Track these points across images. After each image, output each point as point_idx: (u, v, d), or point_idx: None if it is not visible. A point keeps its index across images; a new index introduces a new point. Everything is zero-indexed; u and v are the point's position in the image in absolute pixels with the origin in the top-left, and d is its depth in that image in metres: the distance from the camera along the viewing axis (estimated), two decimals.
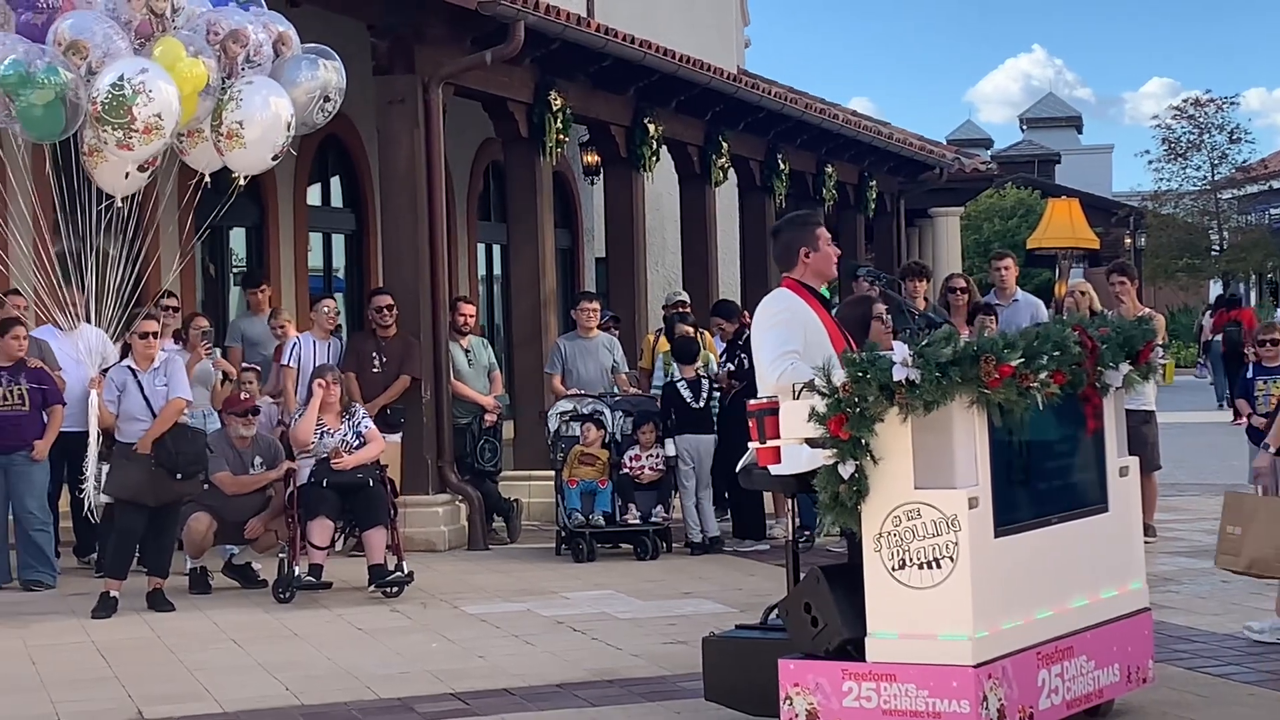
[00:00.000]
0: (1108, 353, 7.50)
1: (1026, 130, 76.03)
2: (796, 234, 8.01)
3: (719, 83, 19.64)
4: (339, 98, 12.16)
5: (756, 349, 7.87)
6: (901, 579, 6.83)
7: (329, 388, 12.28)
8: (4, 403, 12.48)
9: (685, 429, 14.09)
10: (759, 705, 7.43)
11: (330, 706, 8.59)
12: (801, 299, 7.83)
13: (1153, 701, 7.94)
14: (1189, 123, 54.52)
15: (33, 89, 10.95)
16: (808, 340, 7.62)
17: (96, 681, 9.40)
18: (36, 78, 10.95)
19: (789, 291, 7.88)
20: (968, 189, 34.67)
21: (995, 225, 51.32)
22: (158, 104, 10.94)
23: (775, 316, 7.75)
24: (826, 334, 7.73)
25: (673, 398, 14.19)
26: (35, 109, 11.04)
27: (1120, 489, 7.73)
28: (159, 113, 10.95)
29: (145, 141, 11.02)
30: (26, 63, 11.01)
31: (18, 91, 10.98)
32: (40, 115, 11.08)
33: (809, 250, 7.92)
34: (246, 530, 12.24)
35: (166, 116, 11.01)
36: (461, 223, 21.47)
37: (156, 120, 10.94)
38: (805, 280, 7.92)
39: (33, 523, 12.57)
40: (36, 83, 10.95)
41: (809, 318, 7.75)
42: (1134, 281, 13.59)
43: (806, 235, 7.98)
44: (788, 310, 7.76)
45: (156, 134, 11.01)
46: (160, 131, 11.02)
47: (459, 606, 11.49)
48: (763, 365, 7.71)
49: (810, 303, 7.83)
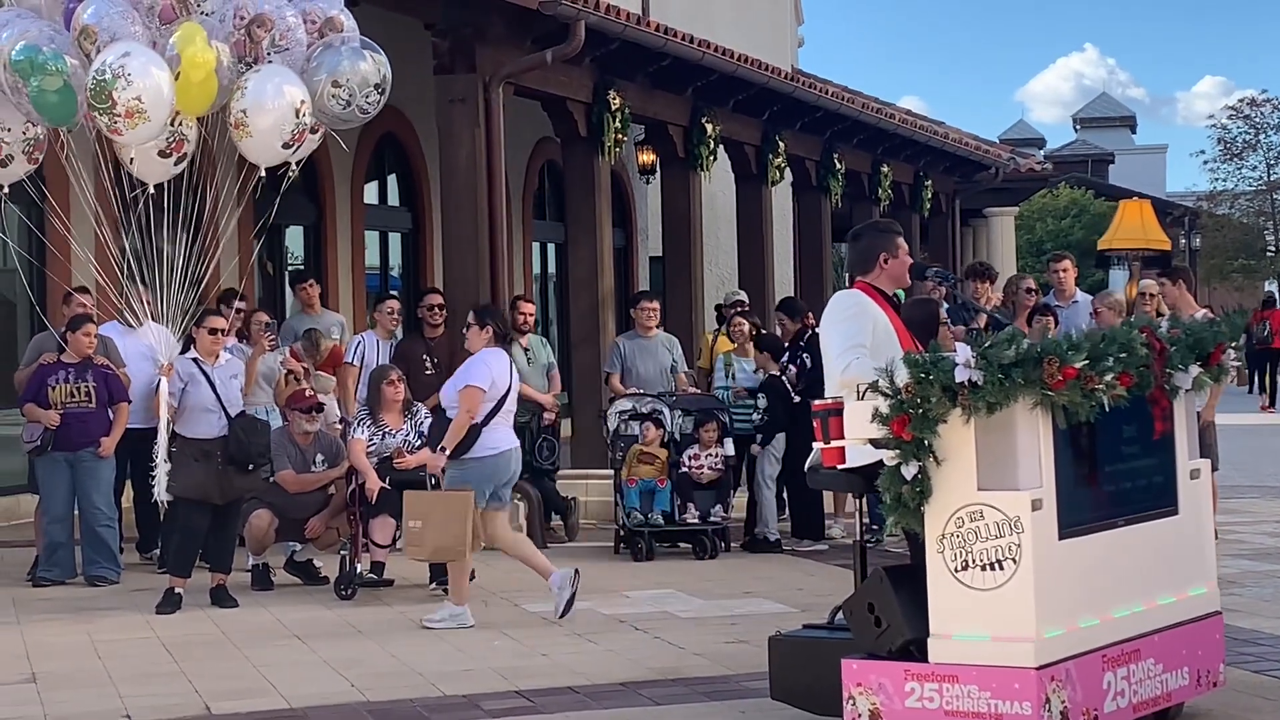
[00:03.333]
0: (1176, 354, 7.49)
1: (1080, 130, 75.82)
2: (878, 239, 8.09)
3: (777, 82, 19.67)
4: (377, 94, 11.72)
5: (825, 343, 7.93)
6: (964, 580, 6.85)
7: (395, 385, 12.34)
8: (71, 400, 12.59)
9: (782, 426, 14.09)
10: (825, 705, 7.45)
11: (396, 703, 8.64)
12: (873, 300, 7.88)
13: (1221, 705, 7.92)
14: (1245, 123, 54.29)
15: (42, 75, 10.92)
16: (876, 339, 7.67)
17: (164, 676, 9.48)
18: (44, 63, 10.90)
19: (860, 292, 7.94)
20: (1022, 189, 34.62)
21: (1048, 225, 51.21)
22: (137, 88, 10.73)
23: (846, 311, 7.82)
24: (896, 335, 7.77)
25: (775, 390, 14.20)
26: (48, 95, 10.95)
27: (1190, 491, 7.71)
28: (138, 96, 10.75)
29: (131, 126, 10.86)
30: (36, 47, 10.99)
31: (29, 77, 10.95)
32: (54, 101, 10.99)
33: (888, 256, 7.99)
34: (307, 530, 12.32)
35: (149, 100, 10.79)
36: (517, 221, 21.56)
37: (137, 104, 10.75)
38: (879, 284, 7.98)
39: (99, 518, 12.68)
40: (44, 68, 10.90)
41: (879, 316, 7.81)
42: (1177, 284, 13.47)
43: (887, 241, 8.06)
44: (858, 306, 7.83)
45: (140, 118, 10.82)
46: (143, 115, 10.82)
47: (520, 604, 11.54)
48: (830, 358, 7.77)
49: (882, 305, 7.89)
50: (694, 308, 19.11)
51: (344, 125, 11.78)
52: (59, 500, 12.66)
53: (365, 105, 11.60)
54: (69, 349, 12.65)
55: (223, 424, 11.75)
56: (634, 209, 24.57)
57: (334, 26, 11.68)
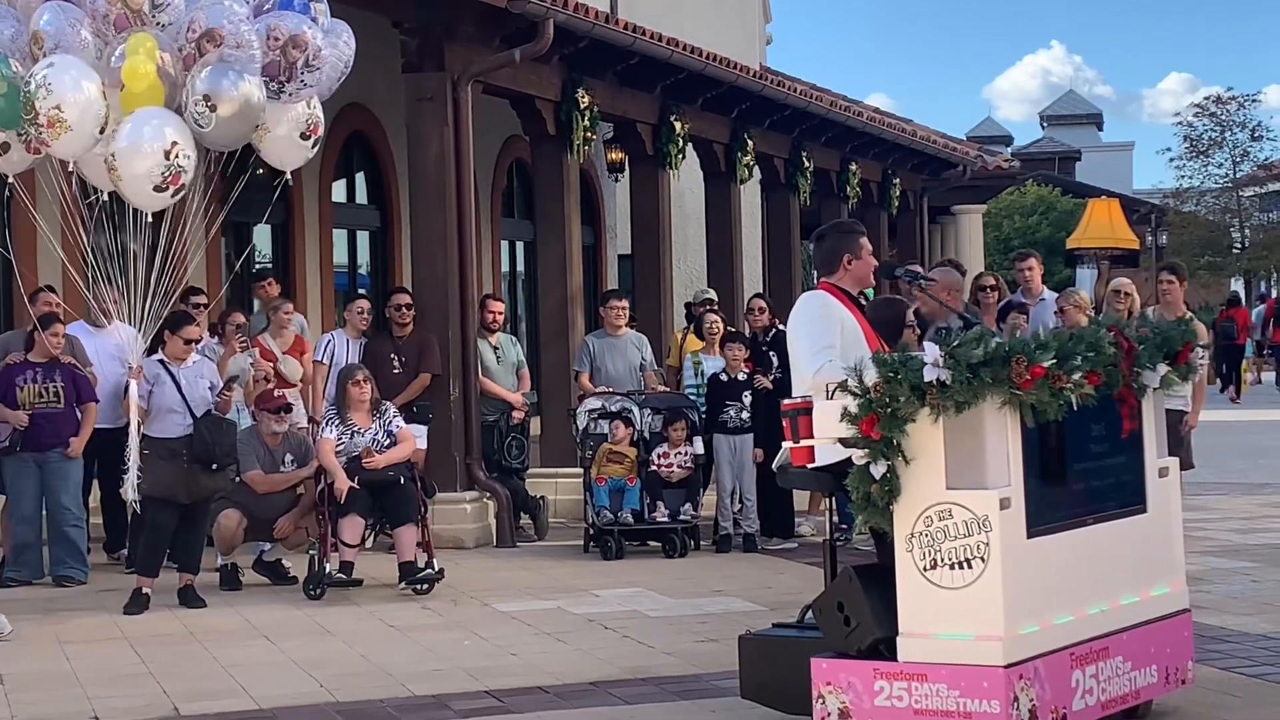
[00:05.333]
0: (1145, 353, 7.51)
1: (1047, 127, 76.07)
2: (841, 240, 8.13)
3: (745, 80, 19.67)
4: (237, 109, 10.95)
5: (793, 344, 7.94)
6: (933, 579, 6.86)
7: (361, 385, 12.34)
8: (39, 400, 12.55)
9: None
10: (794, 704, 7.47)
11: (366, 703, 8.63)
12: (839, 301, 7.90)
13: (1190, 702, 7.96)
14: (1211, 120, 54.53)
15: None
16: (844, 340, 7.69)
17: (132, 678, 9.46)
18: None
19: (825, 293, 7.95)
20: (990, 186, 34.70)
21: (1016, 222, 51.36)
22: (56, 98, 10.66)
23: (813, 313, 7.83)
24: (863, 336, 7.79)
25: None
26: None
27: (1159, 490, 7.74)
28: (58, 105, 10.71)
29: (54, 136, 10.80)
30: None
31: None
32: (2, 105, 11.04)
33: (852, 257, 8.02)
34: (276, 529, 12.31)
35: (71, 111, 10.70)
36: (486, 220, 21.52)
37: (57, 114, 10.73)
38: (843, 285, 8.01)
39: (67, 519, 12.65)
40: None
41: (846, 318, 7.83)
42: (1183, 282, 13.53)
43: (850, 242, 8.10)
44: (824, 307, 7.85)
45: (61, 128, 10.78)
46: (64, 125, 10.72)
47: (489, 604, 11.54)
48: (799, 360, 7.79)
49: (847, 305, 7.91)
50: (663, 306, 19.10)
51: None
52: (27, 501, 12.63)
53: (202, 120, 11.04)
54: (37, 348, 12.61)
55: (188, 424, 11.75)
56: (602, 207, 24.55)
57: (297, 45, 11.48)
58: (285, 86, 11.21)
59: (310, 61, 11.20)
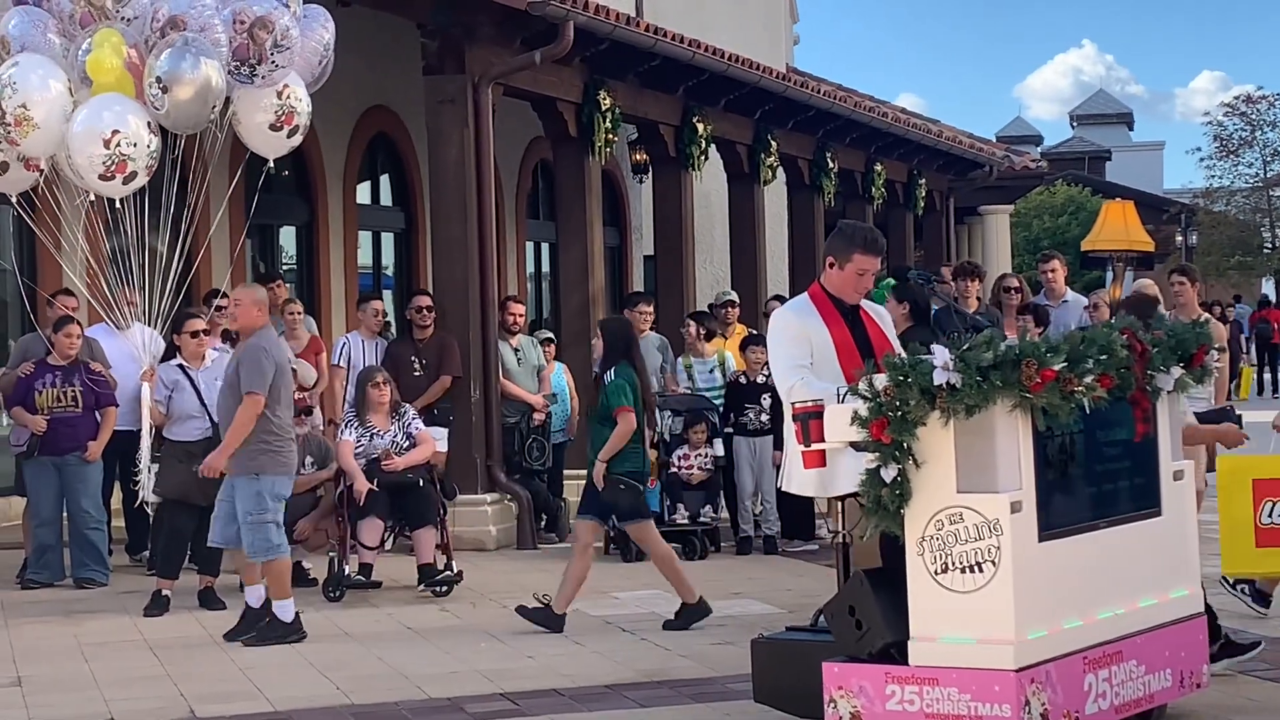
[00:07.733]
0: (1158, 356, 7.48)
1: (1077, 127, 75.73)
2: (833, 242, 8.10)
3: (768, 81, 19.65)
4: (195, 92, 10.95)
5: (771, 361, 8.15)
6: (944, 583, 6.85)
7: (380, 387, 12.35)
8: (58, 404, 12.58)
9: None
10: (807, 708, 7.45)
11: (380, 706, 8.65)
12: (818, 312, 7.89)
13: (1205, 706, 7.93)
14: (1241, 119, 54.28)
15: None
16: (816, 357, 7.78)
17: (149, 679, 9.49)
18: None
19: (808, 302, 7.98)
20: (1018, 186, 34.55)
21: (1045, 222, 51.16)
22: (21, 96, 10.77)
23: (784, 333, 7.92)
24: (833, 349, 7.79)
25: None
26: None
27: (1174, 493, 7.71)
28: (24, 104, 10.77)
29: (22, 134, 10.85)
30: None
31: None
32: None
33: (835, 262, 7.99)
34: (296, 532, 12.31)
35: (38, 110, 10.80)
36: (510, 221, 21.55)
37: (23, 112, 10.79)
38: (828, 287, 8.02)
39: (87, 521, 12.68)
40: None
41: (816, 333, 7.84)
42: (1195, 284, 13.43)
43: (839, 248, 8.03)
44: (796, 327, 7.89)
45: (28, 126, 10.81)
46: (31, 124, 10.82)
47: (508, 606, 11.52)
48: (776, 377, 7.97)
49: (828, 315, 7.89)
50: (685, 307, 19.07)
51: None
52: (47, 503, 12.67)
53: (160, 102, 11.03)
54: (54, 351, 12.64)
55: (207, 427, 11.78)
56: (628, 208, 24.54)
57: (264, 27, 11.25)
58: (257, 69, 11.16)
59: (279, 42, 11.12)
